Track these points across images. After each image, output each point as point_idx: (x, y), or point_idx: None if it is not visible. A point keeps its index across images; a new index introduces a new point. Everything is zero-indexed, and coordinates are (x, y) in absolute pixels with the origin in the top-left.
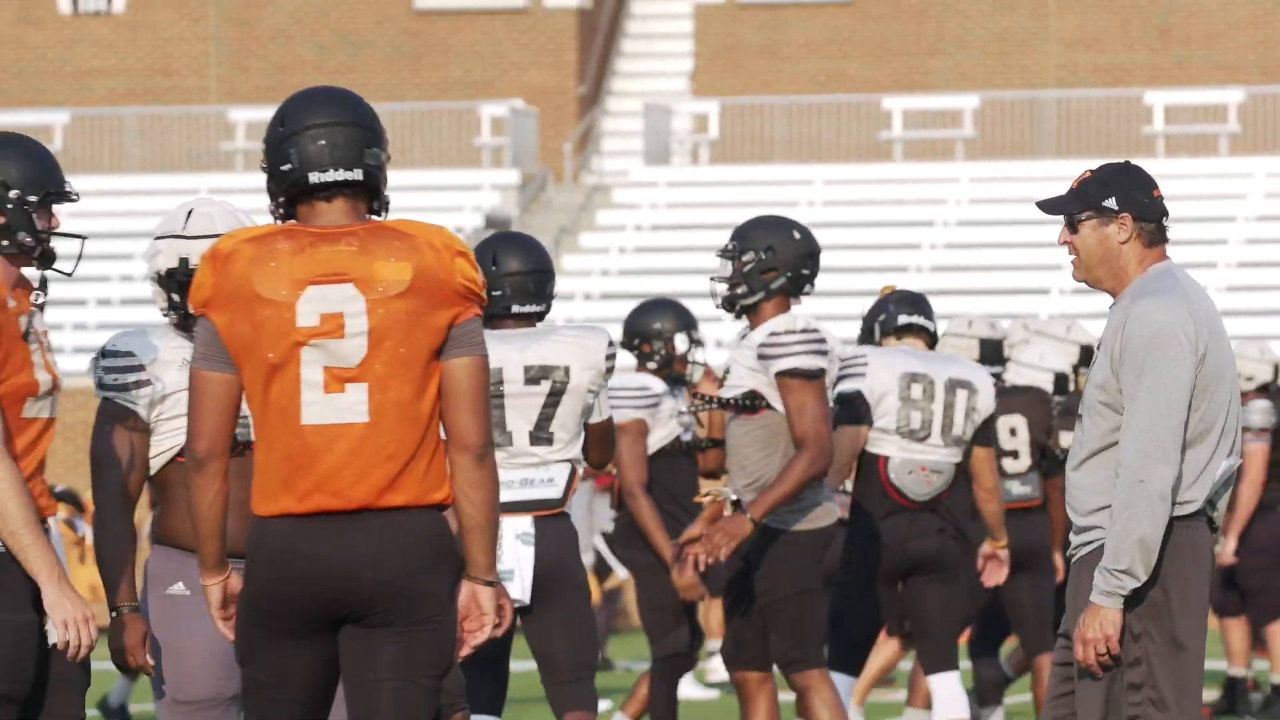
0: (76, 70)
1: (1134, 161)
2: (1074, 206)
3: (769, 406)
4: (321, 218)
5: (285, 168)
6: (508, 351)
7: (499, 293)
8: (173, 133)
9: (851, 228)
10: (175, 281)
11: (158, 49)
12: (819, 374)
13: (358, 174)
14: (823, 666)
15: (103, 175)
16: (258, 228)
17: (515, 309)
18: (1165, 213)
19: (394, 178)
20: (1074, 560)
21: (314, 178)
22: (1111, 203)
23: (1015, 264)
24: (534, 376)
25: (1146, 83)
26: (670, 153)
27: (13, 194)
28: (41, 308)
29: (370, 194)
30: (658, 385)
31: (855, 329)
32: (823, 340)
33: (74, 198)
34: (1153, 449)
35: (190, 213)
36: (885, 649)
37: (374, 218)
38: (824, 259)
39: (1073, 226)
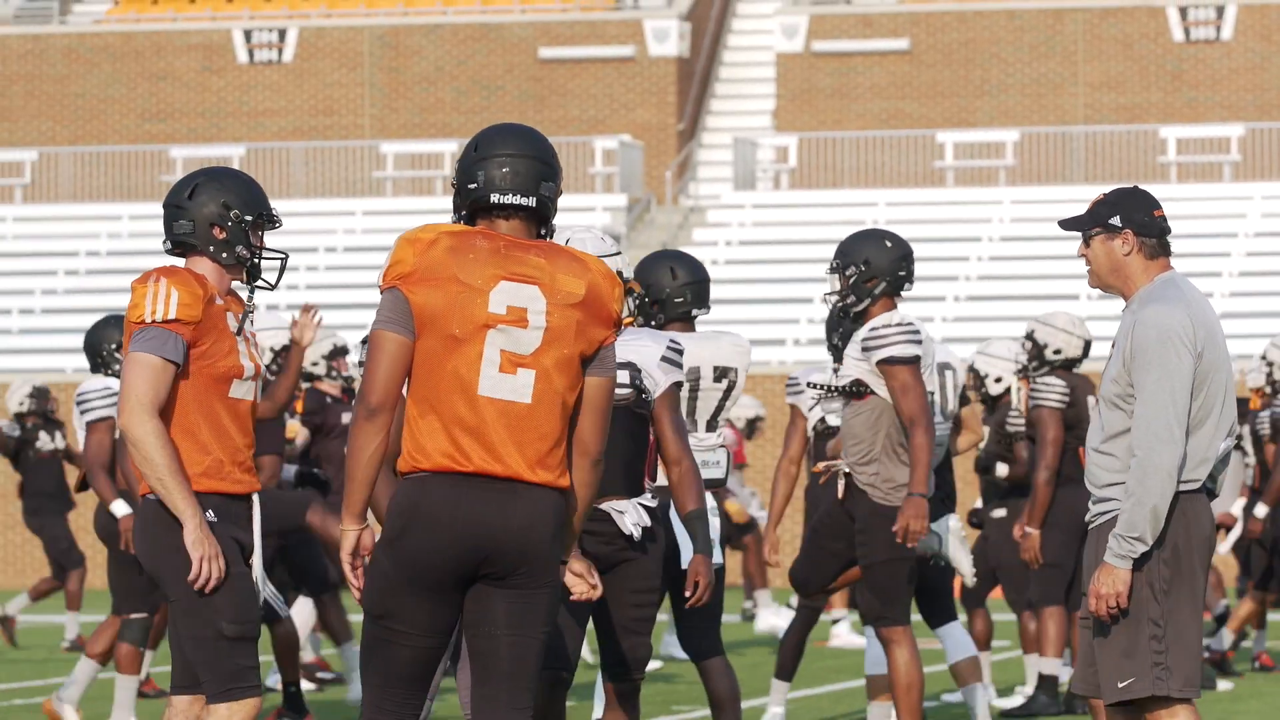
0: (251, 111)
1: (1148, 187)
2: (1086, 224)
3: (873, 392)
4: (497, 230)
5: (471, 186)
6: (703, 351)
7: (681, 299)
8: (332, 163)
9: (910, 243)
10: None
11: (320, 92)
12: (914, 359)
13: (532, 201)
14: (906, 624)
15: (273, 199)
16: (454, 225)
17: (695, 313)
18: (1166, 230)
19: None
20: (1091, 527)
21: (494, 198)
22: (1116, 220)
23: (1049, 274)
24: (719, 375)
25: (1161, 119)
26: (755, 179)
27: (233, 214)
28: (250, 313)
29: (540, 220)
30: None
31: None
32: (916, 331)
33: (278, 223)
34: (1162, 433)
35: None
36: None
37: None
38: None
39: (1086, 241)
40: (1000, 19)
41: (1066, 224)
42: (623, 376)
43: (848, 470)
